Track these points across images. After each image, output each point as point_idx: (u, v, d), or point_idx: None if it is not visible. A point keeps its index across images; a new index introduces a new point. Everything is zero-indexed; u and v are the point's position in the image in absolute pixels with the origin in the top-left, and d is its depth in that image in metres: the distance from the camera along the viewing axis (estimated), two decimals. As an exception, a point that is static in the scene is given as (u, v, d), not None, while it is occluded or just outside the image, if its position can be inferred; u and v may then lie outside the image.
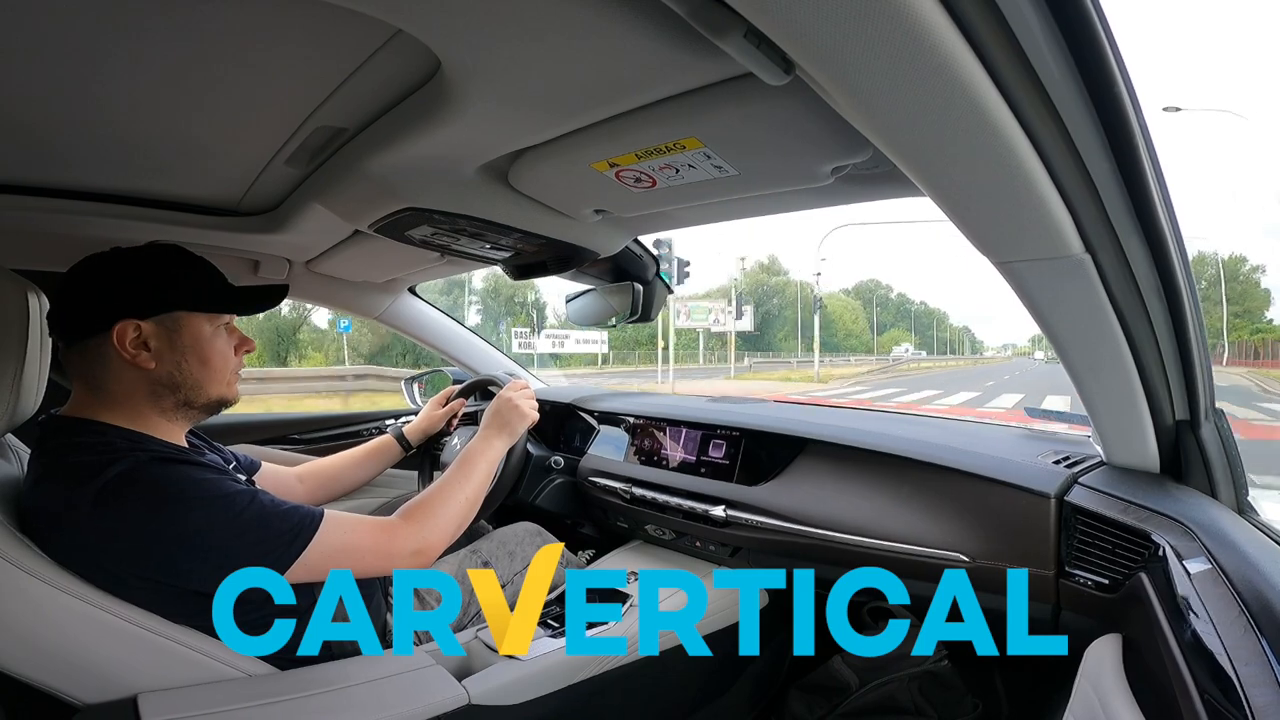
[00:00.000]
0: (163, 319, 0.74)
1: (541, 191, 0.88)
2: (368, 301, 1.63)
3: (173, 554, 0.66)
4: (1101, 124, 0.49)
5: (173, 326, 0.75)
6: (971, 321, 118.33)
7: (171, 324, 0.75)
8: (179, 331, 0.75)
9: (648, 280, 1.28)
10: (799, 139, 0.66)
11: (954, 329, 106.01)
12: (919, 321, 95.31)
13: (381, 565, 0.79)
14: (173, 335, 0.75)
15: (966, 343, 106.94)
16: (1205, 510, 0.71)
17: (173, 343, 0.75)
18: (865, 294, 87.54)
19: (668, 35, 0.50)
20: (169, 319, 0.75)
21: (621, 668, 0.97)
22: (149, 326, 0.73)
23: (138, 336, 0.72)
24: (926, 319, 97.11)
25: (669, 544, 1.31)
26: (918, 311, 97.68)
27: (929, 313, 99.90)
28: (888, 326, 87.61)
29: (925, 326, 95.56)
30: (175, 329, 0.75)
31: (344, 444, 1.39)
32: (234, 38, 0.59)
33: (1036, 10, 0.41)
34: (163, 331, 0.74)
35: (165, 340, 0.74)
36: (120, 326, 0.71)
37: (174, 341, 0.75)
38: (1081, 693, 0.63)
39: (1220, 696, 0.46)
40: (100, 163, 0.91)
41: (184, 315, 0.76)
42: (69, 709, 0.65)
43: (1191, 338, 0.69)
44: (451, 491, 0.88)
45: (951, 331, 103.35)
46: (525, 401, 1.05)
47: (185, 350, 0.76)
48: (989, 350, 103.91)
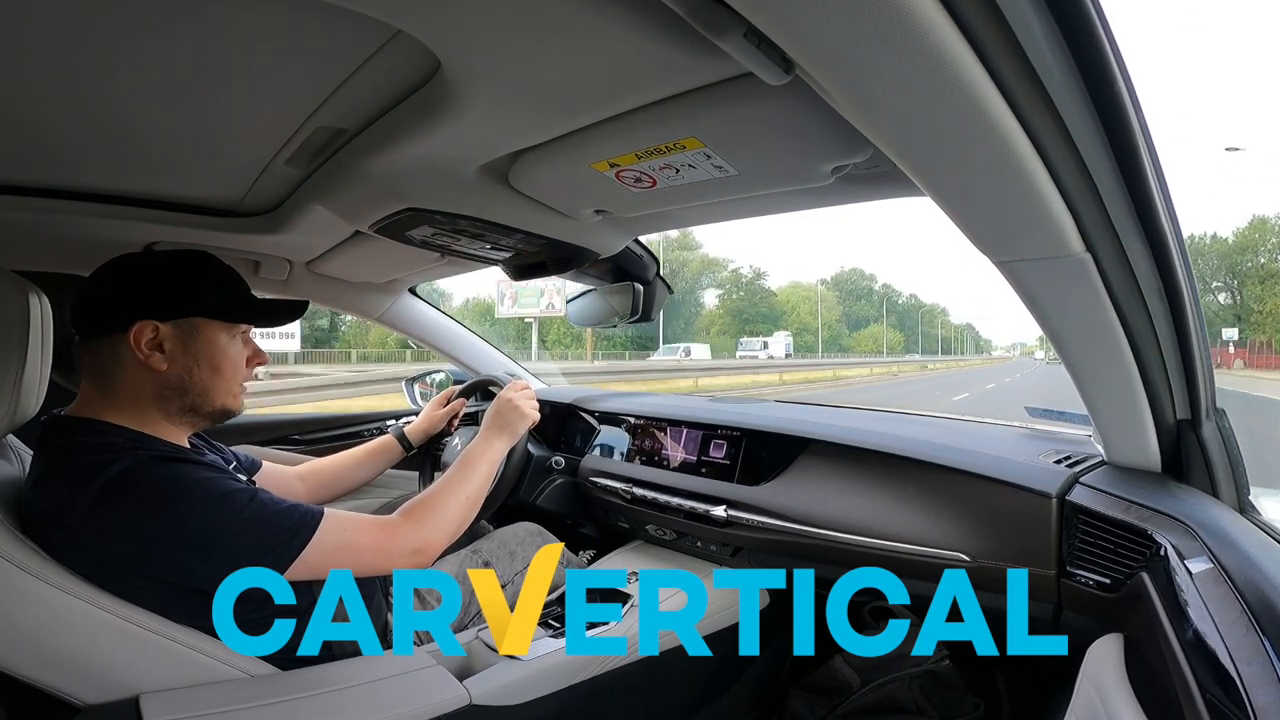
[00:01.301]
0: (181, 323, 0.75)
1: (542, 192, 0.88)
2: (368, 302, 1.63)
3: (172, 553, 0.67)
4: (1101, 123, 0.49)
5: (190, 331, 0.76)
6: (975, 319, 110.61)
7: (189, 329, 0.76)
8: (195, 337, 0.76)
9: (648, 280, 1.28)
10: (799, 139, 0.66)
11: (953, 326, 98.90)
12: (907, 318, 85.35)
13: (381, 564, 0.79)
14: (188, 340, 0.76)
15: (970, 341, 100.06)
16: (1207, 509, 0.71)
17: (187, 347, 0.76)
18: (845, 285, 78.17)
19: (667, 35, 0.50)
20: (187, 324, 0.76)
21: (622, 668, 0.97)
22: (166, 329, 0.74)
23: (154, 338, 0.73)
24: (913, 314, 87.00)
25: (670, 544, 1.31)
26: (906, 306, 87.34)
27: (919, 307, 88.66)
28: (869, 321, 76.87)
29: (915, 323, 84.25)
30: (192, 334, 0.76)
31: (345, 444, 1.39)
32: (234, 38, 0.59)
33: (1036, 9, 0.41)
34: (179, 335, 0.75)
35: (180, 344, 0.75)
36: (138, 326, 0.72)
37: (189, 346, 0.76)
38: (1083, 692, 0.63)
39: (1222, 696, 0.46)
40: (101, 163, 0.91)
41: (202, 322, 0.77)
42: (71, 709, 0.65)
43: (1192, 336, 0.69)
44: (452, 491, 0.88)
45: (950, 329, 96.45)
46: (526, 402, 1.05)
47: (199, 356, 0.76)
48: (998, 350, 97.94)
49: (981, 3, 0.39)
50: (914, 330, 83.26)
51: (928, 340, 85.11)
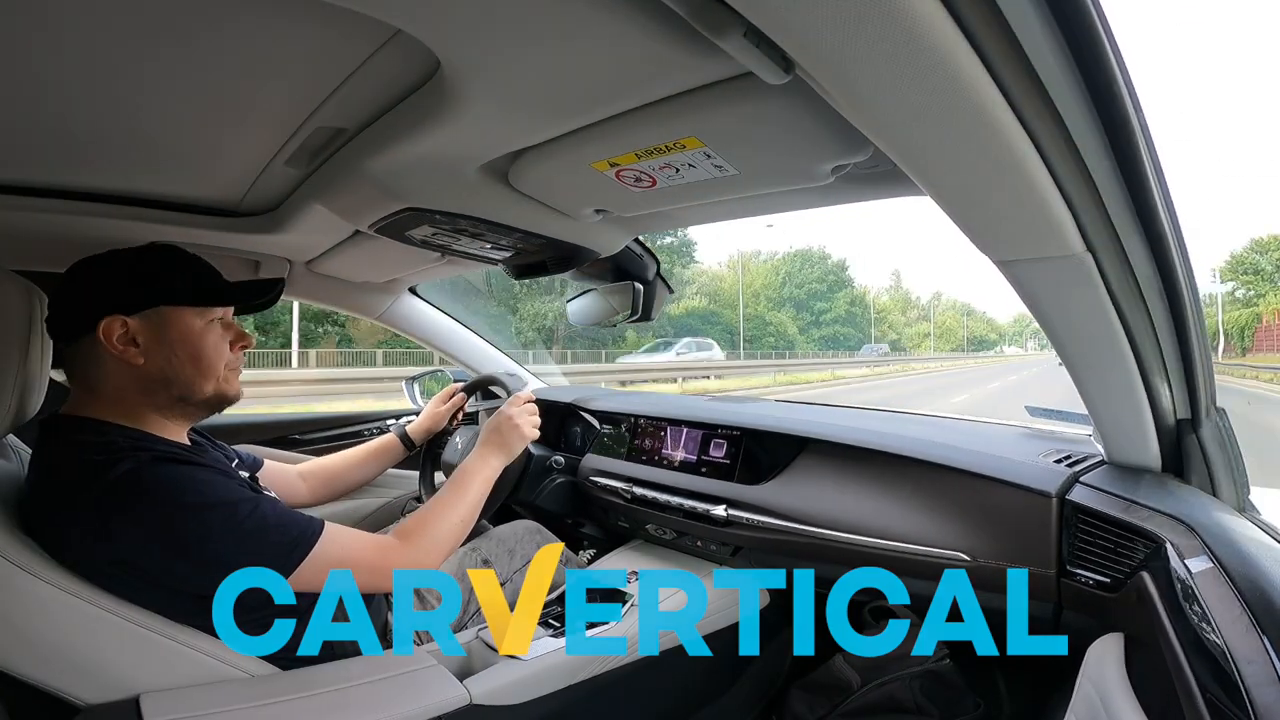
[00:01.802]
0: (149, 314, 0.74)
1: (542, 191, 0.88)
2: (368, 301, 1.63)
3: (171, 558, 0.67)
4: (1101, 123, 0.49)
5: (159, 322, 0.75)
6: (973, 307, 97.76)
7: (158, 319, 0.75)
8: (166, 326, 0.75)
9: (648, 280, 1.28)
10: (799, 138, 0.65)
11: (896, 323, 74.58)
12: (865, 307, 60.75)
13: (376, 583, 0.79)
14: (160, 330, 0.75)
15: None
16: (1207, 509, 0.71)
17: (160, 338, 0.74)
18: (799, 262, 51.63)
19: (668, 35, 0.50)
20: (155, 314, 0.74)
21: (622, 668, 0.97)
22: (135, 322, 0.73)
23: (125, 333, 0.72)
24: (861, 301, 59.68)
25: (670, 544, 1.31)
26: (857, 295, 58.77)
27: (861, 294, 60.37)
28: (824, 308, 50.88)
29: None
30: (162, 324, 0.75)
31: (345, 444, 1.39)
32: (234, 38, 0.59)
33: (1036, 9, 0.41)
34: (149, 327, 0.74)
35: (153, 336, 0.74)
36: (106, 323, 0.71)
37: (161, 336, 0.75)
38: (1083, 692, 0.63)
39: (1223, 695, 0.46)
40: (101, 163, 0.91)
41: (170, 310, 0.75)
42: (71, 709, 0.65)
43: (1192, 336, 0.69)
44: (445, 512, 0.88)
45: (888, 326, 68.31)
46: (526, 420, 1.04)
47: (174, 345, 0.75)
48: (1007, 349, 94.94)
49: (981, 2, 0.39)
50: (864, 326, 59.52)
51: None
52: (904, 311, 70.72)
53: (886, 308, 67.45)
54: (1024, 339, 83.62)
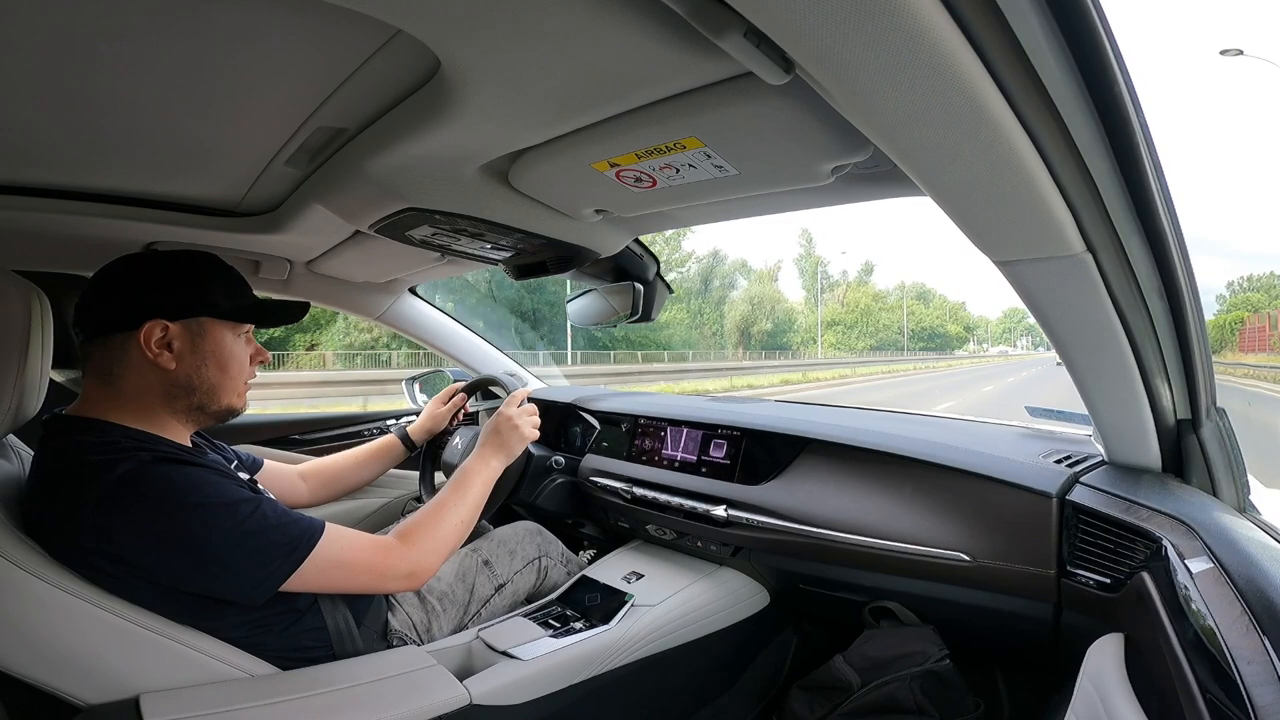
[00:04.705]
0: (190, 323, 0.76)
1: (542, 191, 0.88)
2: (369, 302, 1.63)
3: (171, 559, 0.67)
4: (1101, 123, 0.49)
5: (198, 331, 0.77)
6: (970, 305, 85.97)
7: (197, 329, 0.77)
8: (203, 337, 0.77)
9: (648, 280, 1.28)
10: (799, 138, 0.65)
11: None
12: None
13: (375, 584, 0.80)
14: (197, 340, 0.76)
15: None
16: (1207, 509, 0.71)
17: (195, 347, 0.76)
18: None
19: (668, 35, 0.50)
20: (195, 324, 0.76)
21: (622, 667, 0.97)
22: (176, 329, 0.75)
23: (163, 337, 0.74)
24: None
25: (670, 544, 1.31)
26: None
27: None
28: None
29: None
30: (200, 334, 0.77)
31: (345, 444, 1.39)
32: (234, 38, 0.59)
33: (1036, 9, 0.41)
34: (188, 335, 0.76)
35: (189, 343, 0.76)
36: (149, 325, 0.73)
37: (197, 346, 0.77)
38: (1083, 692, 0.63)
39: (1223, 696, 0.46)
40: (101, 163, 0.91)
41: (210, 322, 0.78)
42: (71, 709, 0.65)
43: (1193, 336, 0.69)
44: (445, 514, 0.88)
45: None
46: (526, 421, 1.04)
47: (207, 355, 0.77)
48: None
49: (981, 3, 0.39)
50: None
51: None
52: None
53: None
54: (1015, 336, 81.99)
